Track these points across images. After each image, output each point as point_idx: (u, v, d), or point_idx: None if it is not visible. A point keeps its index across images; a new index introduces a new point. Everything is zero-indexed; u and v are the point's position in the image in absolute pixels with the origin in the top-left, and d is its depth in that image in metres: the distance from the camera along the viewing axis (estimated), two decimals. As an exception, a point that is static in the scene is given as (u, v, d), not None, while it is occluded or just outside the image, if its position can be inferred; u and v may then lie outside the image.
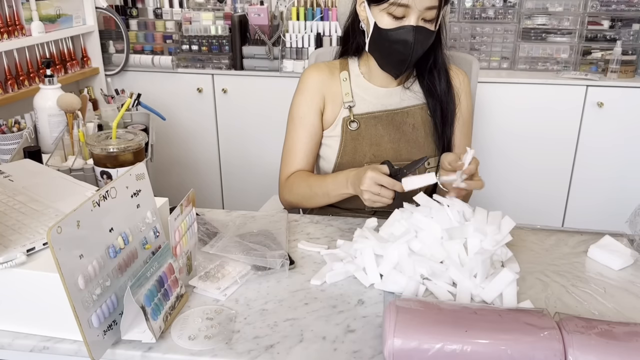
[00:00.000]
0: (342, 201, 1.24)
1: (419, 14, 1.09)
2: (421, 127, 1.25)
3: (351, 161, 1.24)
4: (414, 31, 1.10)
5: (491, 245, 0.90)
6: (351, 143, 1.24)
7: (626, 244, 1.05)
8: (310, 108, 1.26)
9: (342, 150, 1.25)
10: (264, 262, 0.95)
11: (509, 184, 2.52)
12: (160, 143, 2.60)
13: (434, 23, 1.12)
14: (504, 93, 2.39)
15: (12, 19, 2.02)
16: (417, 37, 1.11)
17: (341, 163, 1.25)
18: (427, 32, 1.12)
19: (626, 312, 0.86)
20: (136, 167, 0.84)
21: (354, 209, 1.28)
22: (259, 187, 2.68)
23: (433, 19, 1.11)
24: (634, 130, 2.35)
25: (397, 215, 1.00)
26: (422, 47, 1.14)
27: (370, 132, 1.24)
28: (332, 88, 1.26)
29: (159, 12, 2.65)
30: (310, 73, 1.27)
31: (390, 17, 1.11)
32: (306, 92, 1.27)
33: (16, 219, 0.89)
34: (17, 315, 0.79)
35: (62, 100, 1.49)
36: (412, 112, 1.25)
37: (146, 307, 0.75)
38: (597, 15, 2.44)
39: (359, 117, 1.24)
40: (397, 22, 1.11)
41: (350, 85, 1.25)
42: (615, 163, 2.41)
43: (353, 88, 1.26)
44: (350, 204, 1.26)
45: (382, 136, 1.24)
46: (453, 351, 0.68)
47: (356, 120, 1.23)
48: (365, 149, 1.24)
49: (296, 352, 0.76)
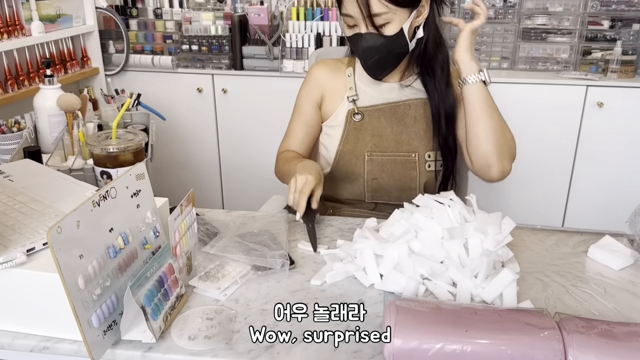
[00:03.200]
0: (342, 193, 1.31)
1: (365, 21, 1.11)
2: (423, 120, 1.26)
3: (352, 149, 1.27)
4: (361, 39, 1.14)
5: (492, 245, 0.90)
6: (353, 133, 1.27)
7: (626, 244, 1.05)
8: (307, 100, 1.33)
9: (344, 139, 1.28)
10: (264, 262, 0.95)
11: (509, 183, 2.52)
12: (160, 143, 2.60)
13: (389, 28, 1.12)
14: (503, 93, 2.38)
15: (12, 19, 2.03)
16: (364, 44, 1.14)
17: (342, 151, 1.28)
18: (377, 38, 1.13)
19: (626, 312, 0.86)
20: (136, 167, 0.84)
21: (352, 201, 1.31)
22: (259, 187, 2.68)
23: (385, 24, 1.11)
24: (634, 131, 2.35)
25: (397, 215, 1.00)
26: (379, 52, 1.15)
27: (373, 123, 1.26)
28: (334, 82, 1.31)
29: (159, 12, 2.65)
30: (314, 68, 1.35)
31: (346, 25, 1.17)
32: (307, 85, 1.35)
33: (16, 219, 0.89)
34: (17, 315, 0.79)
35: (62, 100, 1.49)
36: (414, 104, 1.26)
37: (146, 307, 0.75)
38: (597, 15, 2.44)
39: (363, 110, 1.26)
40: (352, 30, 1.17)
41: (355, 81, 1.29)
42: (615, 163, 2.41)
43: (357, 83, 1.29)
44: (350, 195, 1.30)
45: (385, 127, 1.25)
46: (453, 351, 0.68)
47: (360, 112, 1.26)
48: (367, 139, 1.26)
49: (296, 352, 0.76)
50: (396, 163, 1.24)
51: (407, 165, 1.24)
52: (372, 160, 1.25)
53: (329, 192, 1.33)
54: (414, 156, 1.24)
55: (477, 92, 1.14)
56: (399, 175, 1.25)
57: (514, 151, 1.19)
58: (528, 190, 2.51)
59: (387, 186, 1.26)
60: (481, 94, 1.14)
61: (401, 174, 1.25)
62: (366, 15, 1.10)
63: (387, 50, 1.15)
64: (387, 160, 1.25)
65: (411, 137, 1.25)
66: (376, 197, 1.28)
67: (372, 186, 1.27)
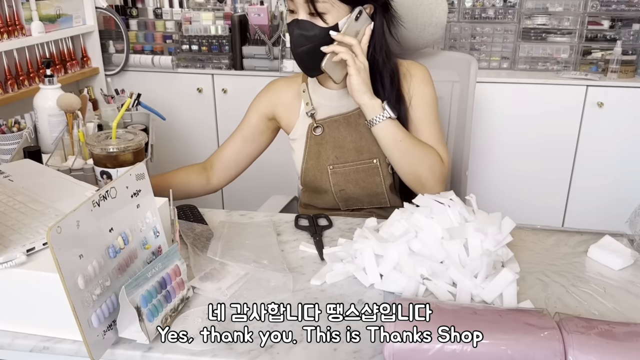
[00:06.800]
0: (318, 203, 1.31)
1: (304, 7, 1.10)
2: None
3: (315, 165, 1.27)
4: (296, 24, 1.12)
5: (492, 245, 0.90)
6: (315, 148, 1.26)
7: (626, 244, 1.05)
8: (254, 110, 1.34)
9: (306, 156, 1.28)
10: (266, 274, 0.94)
11: (509, 183, 2.52)
12: (160, 143, 2.60)
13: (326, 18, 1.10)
14: (503, 93, 2.39)
15: (12, 19, 2.02)
16: (297, 30, 1.12)
17: (306, 168, 1.28)
18: (311, 26, 1.11)
19: (626, 312, 0.86)
20: (136, 167, 0.84)
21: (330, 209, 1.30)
22: (259, 187, 2.67)
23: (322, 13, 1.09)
24: (634, 131, 2.35)
25: (397, 215, 1.00)
26: (311, 41, 1.11)
27: (333, 135, 1.25)
28: (287, 98, 1.31)
29: (159, 12, 2.65)
30: (267, 85, 1.36)
31: (289, 11, 1.15)
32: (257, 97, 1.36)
33: (16, 219, 0.89)
34: (17, 315, 0.79)
35: (62, 100, 1.49)
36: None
37: (142, 308, 0.74)
38: (597, 15, 2.44)
39: (322, 122, 1.26)
40: (291, 16, 1.15)
41: (309, 95, 1.28)
42: (615, 163, 2.41)
43: (312, 96, 1.28)
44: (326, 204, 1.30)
45: (345, 137, 1.24)
46: (453, 351, 0.68)
47: (320, 125, 1.26)
48: (329, 152, 1.25)
49: (296, 352, 0.76)
50: (359, 172, 1.24)
51: (370, 172, 1.23)
52: (336, 172, 1.24)
53: (308, 202, 1.35)
54: (375, 162, 1.22)
55: (387, 130, 1.14)
56: (364, 183, 1.24)
57: (438, 172, 1.17)
58: (528, 190, 2.51)
59: (355, 195, 1.26)
60: (391, 132, 1.14)
61: (366, 181, 1.24)
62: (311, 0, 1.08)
63: (319, 41, 1.11)
64: (350, 171, 1.24)
65: (370, 143, 1.23)
66: (349, 205, 1.29)
67: (342, 197, 1.27)
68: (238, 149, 1.37)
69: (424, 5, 1.38)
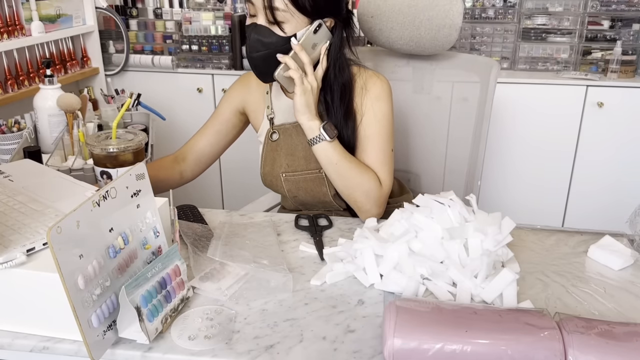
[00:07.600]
0: (286, 204, 1.33)
1: (263, 14, 1.08)
2: None
3: (271, 171, 1.28)
4: (255, 28, 1.10)
5: (492, 245, 0.90)
6: (270, 154, 1.28)
7: (626, 244, 1.05)
8: (226, 102, 1.34)
9: (263, 161, 1.29)
10: (267, 275, 0.94)
11: (509, 183, 2.52)
12: (160, 143, 2.60)
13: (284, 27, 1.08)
14: (503, 93, 2.39)
15: (12, 19, 2.02)
16: (254, 35, 1.10)
17: (264, 173, 1.30)
18: (269, 33, 1.09)
19: (626, 312, 0.86)
20: (136, 167, 0.84)
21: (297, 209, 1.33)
22: (259, 187, 2.67)
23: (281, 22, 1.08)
24: (634, 131, 2.35)
25: (397, 215, 1.00)
26: (266, 48, 1.10)
27: (287, 142, 1.25)
28: (255, 97, 1.31)
29: (159, 12, 2.65)
30: (242, 76, 1.35)
31: (249, 14, 1.13)
32: (231, 89, 1.35)
33: (16, 219, 0.89)
34: (17, 315, 0.79)
35: (62, 100, 1.49)
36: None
37: (142, 308, 0.75)
38: (597, 15, 2.44)
39: (278, 128, 1.26)
40: (251, 19, 1.13)
41: (271, 98, 1.28)
42: (615, 163, 2.41)
43: (273, 100, 1.28)
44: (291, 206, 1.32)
45: (297, 145, 1.24)
46: (453, 351, 0.68)
47: (276, 131, 1.26)
48: (282, 160, 1.26)
49: (296, 352, 0.76)
50: (307, 181, 1.24)
51: (317, 181, 1.23)
52: (288, 180, 1.26)
53: (282, 201, 1.38)
54: (321, 172, 1.21)
55: (323, 152, 1.13)
56: (312, 191, 1.25)
57: (374, 197, 1.15)
58: (528, 190, 2.51)
59: (306, 201, 1.28)
60: (327, 154, 1.13)
61: (314, 190, 1.25)
62: (266, 6, 1.06)
63: (275, 49, 1.10)
64: (299, 179, 1.25)
65: None
66: (307, 209, 1.31)
67: (297, 202, 1.29)
68: (211, 142, 1.37)
69: (439, 6, 1.35)
